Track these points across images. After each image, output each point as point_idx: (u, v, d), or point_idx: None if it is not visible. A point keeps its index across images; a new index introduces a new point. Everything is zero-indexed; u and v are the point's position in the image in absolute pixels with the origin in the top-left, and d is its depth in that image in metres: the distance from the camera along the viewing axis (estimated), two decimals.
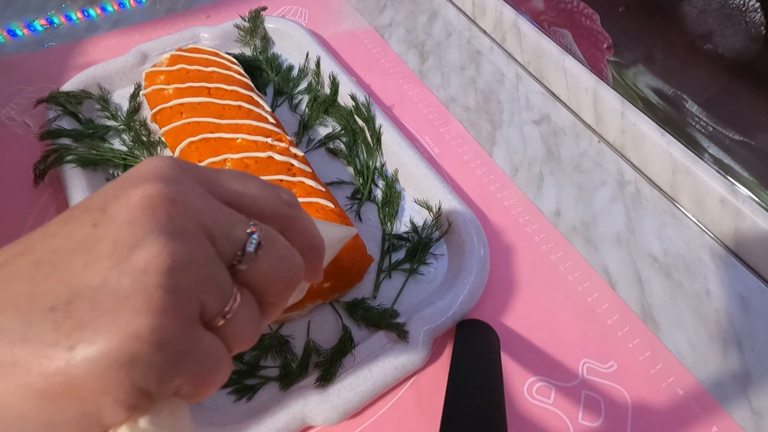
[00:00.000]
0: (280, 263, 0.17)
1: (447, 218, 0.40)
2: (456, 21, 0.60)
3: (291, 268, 0.17)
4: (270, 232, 0.17)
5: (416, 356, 0.33)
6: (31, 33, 0.56)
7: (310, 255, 0.20)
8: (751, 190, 0.40)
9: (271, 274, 0.17)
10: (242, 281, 0.16)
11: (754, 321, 0.37)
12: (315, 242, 0.20)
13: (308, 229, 0.19)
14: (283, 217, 0.18)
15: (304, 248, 0.19)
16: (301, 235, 0.19)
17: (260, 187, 0.18)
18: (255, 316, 0.17)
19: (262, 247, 0.16)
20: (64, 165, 0.41)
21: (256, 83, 0.49)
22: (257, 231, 0.16)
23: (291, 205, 0.19)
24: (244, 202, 0.17)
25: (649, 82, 0.46)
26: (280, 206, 0.18)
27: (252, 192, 0.17)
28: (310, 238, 0.19)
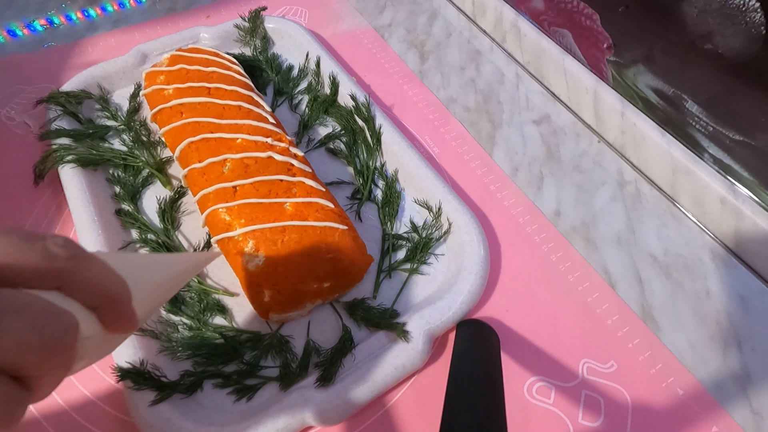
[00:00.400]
0: (28, 333, 0.15)
1: (447, 218, 0.40)
2: (456, 21, 0.60)
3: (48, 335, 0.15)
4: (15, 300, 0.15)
5: (416, 356, 0.33)
6: (31, 33, 0.56)
7: (107, 307, 0.18)
8: (751, 190, 0.40)
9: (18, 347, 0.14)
10: None
11: (754, 321, 0.37)
12: (107, 292, 0.18)
13: (94, 280, 0.17)
14: (50, 273, 0.16)
15: (94, 301, 0.17)
16: (83, 287, 0.17)
17: (14, 245, 0.16)
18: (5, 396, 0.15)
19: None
20: (64, 165, 0.41)
21: (256, 83, 0.49)
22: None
23: (63, 258, 0.16)
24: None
25: (649, 82, 0.46)
26: (42, 262, 0.16)
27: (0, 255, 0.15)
28: (98, 289, 0.17)
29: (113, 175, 0.42)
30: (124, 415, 0.32)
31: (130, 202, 0.41)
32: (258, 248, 0.33)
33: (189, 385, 0.32)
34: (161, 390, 0.31)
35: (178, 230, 0.40)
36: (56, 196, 0.42)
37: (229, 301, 0.36)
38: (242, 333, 0.35)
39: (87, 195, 0.39)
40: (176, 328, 0.34)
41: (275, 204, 0.35)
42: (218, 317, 0.35)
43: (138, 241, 0.39)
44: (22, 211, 0.41)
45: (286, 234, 0.34)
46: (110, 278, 0.18)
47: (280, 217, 0.34)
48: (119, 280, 0.18)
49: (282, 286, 0.33)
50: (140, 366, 0.31)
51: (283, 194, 0.36)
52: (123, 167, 0.43)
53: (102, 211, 0.39)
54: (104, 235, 0.37)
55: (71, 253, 0.17)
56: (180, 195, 0.42)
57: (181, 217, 0.41)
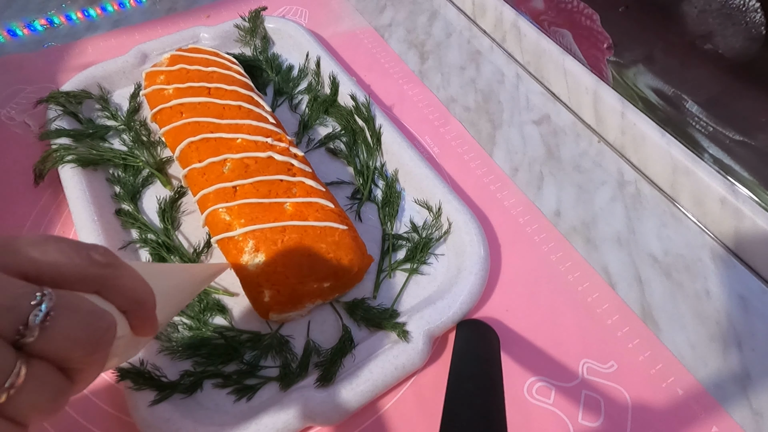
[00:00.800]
0: (76, 329, 0.16)
1: (447, 218, 0.40)
2: (456, 21, 0.60)
3: (92, 332, 0.17)
4: (67, 299, 0.17)
5: (416, 356, 0.33)
6: (31, 33, 0.56)
7: (134, 311, 0.20)
8: (751, 190, 0.40)
9: (67, 342, 0.16)
10: (33, 352, 0.16)
11: (754, 321, 0.37)
12: (137, 297, 0.20)
13: (127, 286, 0.19)
14: (92, 278, 0.18)
15: (125, 305, 0.19)
16: (118, 292, 0.19)
17: (63, 252, 0.18)
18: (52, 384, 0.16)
19: (52, 317, 0.16)
20: (64, 165, 0.41)
21: (256, 83, 0.49)
22: (45, 301, 0.16)
23: (103, 265, 0.18)
24: (42, 269, 0.17)
25: (649, 82, 0.46)
26: (87, 268, 0.18)
27: (51, 259, 0.17)
28: (130, 294, 0.20)
29: (113, 175, 0.42)
30: (124, 415, 0.32)
31: (130, 202, 0.41)
32: (258, 248, 0.33)
33: (189, 385, 0.32)
34: (161, 390, 0.31)
35: (178, 230, 0.40)
36: (56, 196, 0.42)
37: (229, 301, 0.36)
38: (242, 333, 0.35)
39: (87, 195, 0.39)
40: (176, 328, 0.34)
41: (275, 204, 0.35)
42: (218, 317, 0.35)
43: (138, 241, 0.39)
44: (22, 211, 0.41)
45: (286, 234, 0.34)
46: (140, 285, 0.20)
47: (280, 217, 0.34)
48: (147, 287, 0.20)
49: (282, 286, 0.33)
50: (140, 366, 0.31)
51: (283, 194, 0.36)
52: (123, 167, 0.43)
53: (102, 211, 0.39)
54: (104, 235, 0.37)
55: (109, 261, 0.19)
56: (180, 195, 0.42)
57: (181, 217, 0.41)
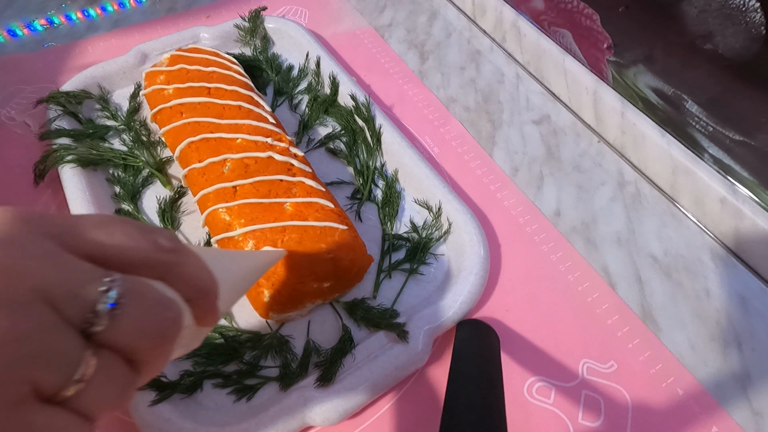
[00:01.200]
0: (146, 319, 0.16)
1: (447, 218, 0.40)
2: (456, 21, 0.60)
3: (161, 323, 0.16)
4: (135, 286, 0.16)
5: (416, 356, 0.33)
6: (31, 33, 0.56)
7: (198, 300, 0.19)
8: (751, 190, 0.40)
9: (136, 332, 0.15)
10: (102, 342, 0.15)
11: (754, 321, 0.37)
12: (202, 286, 0.19)
13: (193, 273, 0.18)
14: (158, 264, 0.17)
15: (190, 293, 0.18)
16: (184, 280, 0.18)
17: (129, 235, 0.17)
18: (121, 377, 0.15)
19: (121, 305, 0.15)
20: (64, 165, 0.41)
21: (256, 83, 0.49)
22: (114, 288, 0.15)
23: (168, 250, 0.17)
24: (108, 253, 0.16)
25: (649, 82, 0.46)
26: (153, 253, 0.17)
27: (117, 241, 0.16)
28: (195, 282, 0.18)
29: (113, 175, 0.42)
30: (124, 415, 0.32)
31: (130, 202, 0.41)
32: (258, 248, 0.33)
33: (189, 385, 0.32)
34: (161, 390, 0.31)
35: (178, 230, 0.40)
36: (56, 196, 0.42)
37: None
38: (242, 333, 0.35)
39: (87, 195, 0.39)
40: None
41: (275, 204, 0.35)
42: None
43: None
44: None
45: (286, 234, 0.34)
46: (205, 273, 0.19)
47: (280, 217, 0.34)
48: (212, 276, 0.19)
49: (282, 286, 0.33)
50: None
51: (283, 194, 0.36)
52: (123, 167, 0.43)
53: (102, 211, 0.39)
54: None
55: (176, 246, 0.18)
56: (180, 195, 0.42)
57: (181, 217, 0.41)
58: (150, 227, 0.18)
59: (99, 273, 0.15)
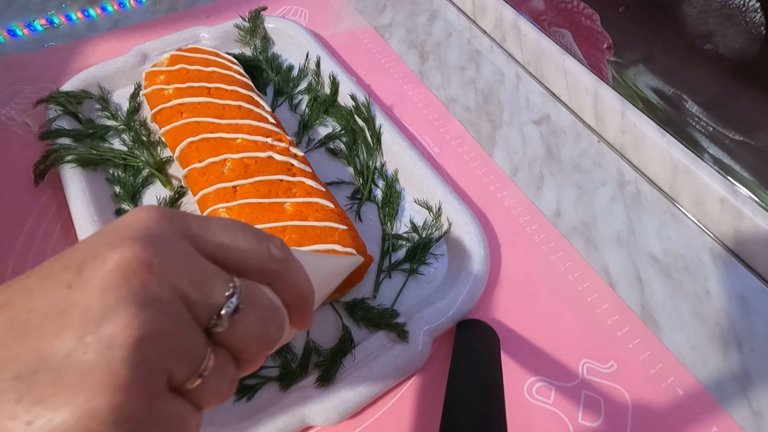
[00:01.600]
0: (259, 325, 0.17)
1: (447, 218, 0.40)
2: (456, 21, 0.60)
3: (270, 330, 0.17)
4: (252, 292, 0.17)
5: (416, 356, 0.33)
6: (31, 33, 0.56)
7: (298, 307, 0.20)
8: (751, 190, 0.40)
9: (249, 337, 0.16)
10: (219, 341, 0.16)
11: (754, 321, 0.37)
12: (304, 295, 0.20)
13: (297, 283, 0.19)
14: (270, 272, 0.18)
15: (292, 301, 0.19)
16: (289, 289, 0.19)
17: (249, 241, 0.18)
18: (230, 374, 0.17)
19: (240, 310, 0.16)
20: (64, 165, 0.41)
21: (256, 83, 0.49)
22: (236, 293, 0.16)
23: (280, 260, 0.18)
24: (229, 257, 0.17)
25: (649, 82, 0.46)
26: (267, 262, 0.18)
27: (239, 246, 0.17)
28: (298, 292, 0.20)
29: (113, 175, 0.42)
30: None
31: (130, 202, 0.41)
32: None
33: None
34: None
35: None
36: (56, 196, 0.42)
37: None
38: None
39: (87, 195, 0.39)
40: None
41: (275, 204, 0.35)
42: None
43: None
44: (22, 211, 0.41)
45: (286, 234, 0.34)
46: (306, 283, 0.20)
47: (280, 217, 0.34)
48: (311, 285, 0.20)
49: None
50: None
51: (283, 194, 0.36)
52: (123, 167, 0.43)
53: (102, 211, 0.39)
54: None
55: (285, 256, 0.19)
56: (180, 195, 0.42)
57: None
58: (265, 234, 0.19)
59: (225, 278, 0.16)
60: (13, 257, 0.39)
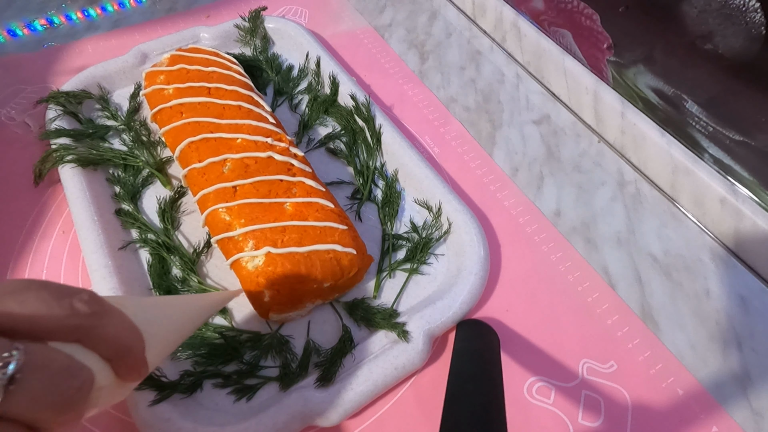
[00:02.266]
0: (45, 391, 0.16)
1: (447, 218, 0.40)
2: (456, 21, 0.60)
3: (63, 393, 0.16)
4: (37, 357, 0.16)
5: (416, 356, 0.33)
6: (31, 33, 0.56)
7: (119, 359, 0.19)
8: (751, 190, 0.40)
9: (34, 404, 0.15)
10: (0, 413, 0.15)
11: (754, 321, 0.37)
12: (123, 345, 0.19)
13: (111, 334, 0.19)
14: (73, 329, 0.17)
15: (110, 354, 0.19)
16: (102, 342, 0.18)
17: (43, 300, 0.17)
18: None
19: (17, 379, 0.15)
20: (64, 165, 0.41)
21: (256, 83, 0.49)
22: (14, 360, 0.15)
23: (85, 315, 0.18)
24: (17, 322, 0.16)
25: (649, 82, 0.46)
26: (66, 319, 0.17)
27: (28, 310, 0.16)
28: (115, 342, 0.19)
29: (113, 175, 0.42)
30: (124, 415, 0.32)
31: (130, 202, 0.41)
32: (258, 248, 0.33)
33: (189, 385, 0.32)
34: (161, 390, 0.31)
35: (178, 230, 0.40)
36: (56, 196, 0.42)
37: (229, 301, 0.36)
38: (242, 333, 0.35)
39: (87, 195, 0.39)
40: None
41: (275, 204, 0.35)
42: (218, 317, 0.35)
43: (138, 241, 0.39)
44: (22, 211, 0.41)
45: (286, 234, 0.34)
46: (126, 332, 0.19)
47: (280, 217, 0.34)
48: (135, 333, 0.20)
49: (282, 286, 0.33)
50: None
51: (283, 194, 0.36)
52: (123, 167, 0.42)
53: (102, 211, 0.39)
54: (104, 235, 0.37)
55: (93, 310, 0.18)
56: (180, 195, 0.42)
57: (181, 217, 0.41)
58: (68, 290, 0.18)
59: None
60: (13, 257, 0.39)
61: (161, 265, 0.37)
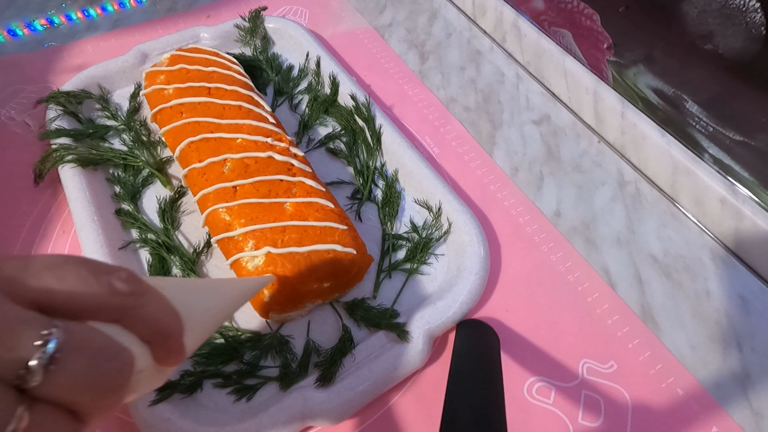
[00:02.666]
0: (88, 373, 0.15)
1: (447, 218, 0.40)
2: (456, 21, 0.60)
3: (104, 375, 0.15)
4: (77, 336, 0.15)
5: (416, 356, 0.33)
6: (32, 33, 0.56)
7: (160, 342, 0.18)
8: (751, 190, 0.40)
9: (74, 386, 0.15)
10: (37, 396, 0.14)
11: (754, 321, 0.37)
12: (163, 327, 0.18)
13: (151, 315, 0.18)
14: (113, 308, 0.17)
15: (149, 336, 0.18)
16: (141, 323, 0.17)
17: (82, 278, 0.16)
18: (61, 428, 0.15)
19: (56, 359, 0.14)
20: (64, 165, 0.41)
21: (256, 83, 0.49)
22: (54, 339, 0.14)
23: (125, 294, 0.17)
24: (56, 300, 0.15)
25: (649, 82, 0.46)
26: (107, 298, 0.16)
27: (68, 287, 0.16)
28: (155, 324, 0.18)
29: (113, 175, 0.42)
30: (124, 415, 0.32)
31: (130, 201, 0.41)
32: (258, 248, 0.33)
33: (189, 385, 0.32)
34: (161, 390, 0.31)
35: (178, 230, 0.40)
36: (56, 196, 0.42)
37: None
38: (242, 333, 0.35)
39: (87, 195, 0.39)
40: None
41: (275, 204, 0.35)
42: None
43: (138, 240, 0.39)
44: (22, 211, 0.41)
45: (286, 234, 0.34)
46: (166, 314, 0.18)
47: (280, 217, 0.34)
48: (174, 316, 0.19)
49: (282, 286, 0.33)
50: None
51: (283, 194, 0.36)
52: (123, 167, 0.43)
53: (102, 211, 0.39)
54: (104, 235, 0.37)
55: (132, 289, 0.17)
56: (180, 195, 0.42)
57: (181, 217, 0.41)
58: (106, 267, 0.17)
59: (39, 325, 0.14)
60: None
61: (161, 265, 0.37)
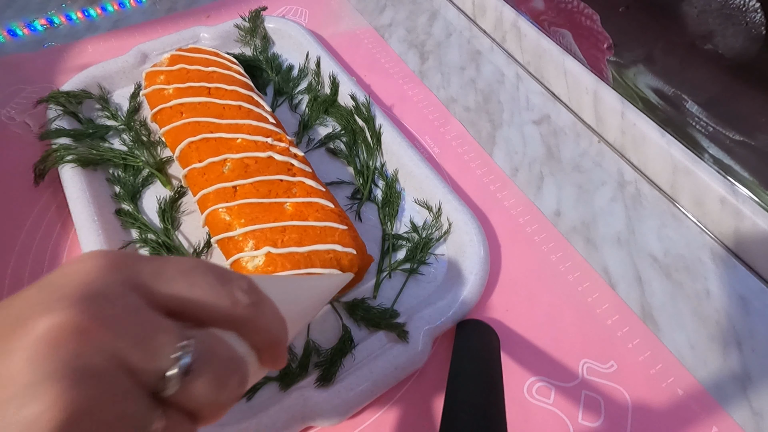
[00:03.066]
0: (214, 386, 0.15)
1: (447, 218, 0.40)
2: (456, 21, 0.60)
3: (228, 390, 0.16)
4: (208, 348, 0.15)
5: (416, 356, 0.33)
6: (32, 33, 0.56)
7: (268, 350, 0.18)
8: (751, 190, 0.40)
9: (204, 396, 0.15)
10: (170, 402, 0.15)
11: (754, 321, 0.37)
12: (274, 337, 0.18)
13: (267, 326, 0.18)
14: (235, 319, 0.17)
15: (261, 344, 0.18)
16: (258, 334, 0.18)
17: (210, 286, 0.16)
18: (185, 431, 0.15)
19: (192, 371, 0.15)
20: (64, 165, 0.41)
21: (256, 83, 0.49)
22: (188, 352, 0.15)
23: (246, 305, 0.17)
24: (186, 307, 0.16)
25: (649, 82, 0.46)
26: (231, 309, 0.17)
27: (198, 294, 0.16)
28: (268, 335, 0.18)
29: (113, 175, 0.42)
30: None
31: (130, 201, 0.41)
32: (258, 248, 0.33)
33: None
34: None
35: (178, 230, 0.40)
36: (56, 196, 0.42)
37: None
38: None
39: (87, 195, 0.39)
40: None
41: (275, 204, 0.35)
42: None
43: (138, 240, 0.39)
44: (22, 211, 0.41)
45: (286, 234, 0.34)
46: (278, 324, 0.19)
47: (280, 217, 0.34)
48: (283, 324, 0.19)
49: None
50: None
51: (283, 194, 0.36)
52: (123, 167, 0.43)
53: (102, 211, 0.39)
54: (104, 235, 0.37)
55: (253, 300, 0.17)
56: (180, 195, 0.42)
57: (181, 217, 0.41)
58: (230, 275, 0.17)
59: (176, 335, 0.15)
60: (13, 257, 0.39)
61: None
